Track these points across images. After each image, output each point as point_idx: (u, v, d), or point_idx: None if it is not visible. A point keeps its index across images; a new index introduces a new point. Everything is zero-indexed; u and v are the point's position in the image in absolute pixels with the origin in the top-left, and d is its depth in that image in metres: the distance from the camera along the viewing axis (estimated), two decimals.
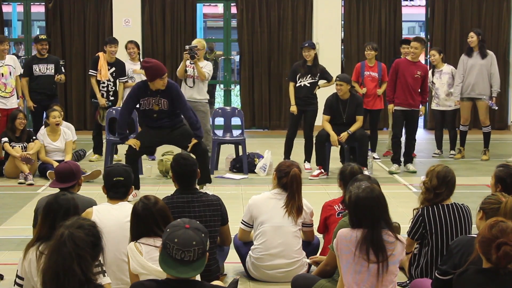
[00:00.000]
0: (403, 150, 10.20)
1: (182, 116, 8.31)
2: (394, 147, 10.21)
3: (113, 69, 10.65)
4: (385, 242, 4.09)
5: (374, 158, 10.28)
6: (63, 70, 11.08)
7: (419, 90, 9.96)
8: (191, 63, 9.99)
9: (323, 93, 10.13)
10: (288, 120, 10.65)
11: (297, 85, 9.91)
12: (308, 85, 9.88)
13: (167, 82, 8.05)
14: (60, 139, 9.70)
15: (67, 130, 9.89)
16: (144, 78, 10.62)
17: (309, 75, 9.87)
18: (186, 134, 8.22)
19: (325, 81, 10.10)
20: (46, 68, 10.69)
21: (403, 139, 10.19)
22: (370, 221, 4.09)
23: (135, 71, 10.94)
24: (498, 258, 3.37)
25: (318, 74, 9.91)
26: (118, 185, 4.93)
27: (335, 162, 10.01)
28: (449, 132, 11.30)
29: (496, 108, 11.27)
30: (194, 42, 10.32)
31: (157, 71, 7.98)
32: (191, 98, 10.20)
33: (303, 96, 9.87)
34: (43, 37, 11.08)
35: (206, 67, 10.15)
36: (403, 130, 10.18)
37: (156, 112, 8.10)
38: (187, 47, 9.84)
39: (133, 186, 5.17)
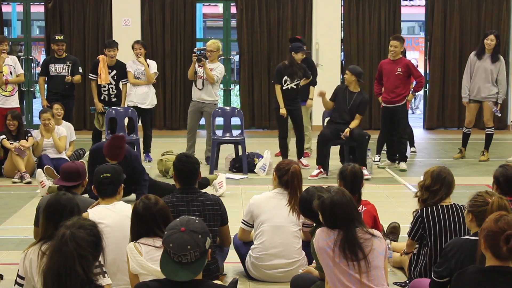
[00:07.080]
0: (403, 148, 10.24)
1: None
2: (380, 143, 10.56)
3: (114, 71, 10.62)
4: (361, 240, 4.11)
5: (374, 160, 10.28)
6: (80, 71, 10.80)
7: (409, 81, 10.08)
8: (199, 66, 10.00)
9: (332, 87, 10.01)
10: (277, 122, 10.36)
11: (284, 87, 9.78)
12: (295, 87, 9.84)
13: (126, 152, 7.36)
14: (53, 136, 9.71)
15: (61, 127, 9.91)
16: (153, 70, 10.64)
17: (295, 78, 9.79)
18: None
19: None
20: (62, 68, 10.68)
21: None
22: (345, 222, 4.12)
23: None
24: (509, 250, 3.41)
25: (303, 74, 9.93)
26: (105, 182, 4.93)
27: (334, 162, 10.01)
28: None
29: (500, 115, 11.09)
30: (208, 43, 10.33)
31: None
32: (200, 99, 10.22)
33: (292, 98, 9.82)
34: (60, 37, 10.90)
35: (217, 69, 10.15)
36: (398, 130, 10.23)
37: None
38: (195, 49, 9.81)
39: (122, 185, 5.15)
